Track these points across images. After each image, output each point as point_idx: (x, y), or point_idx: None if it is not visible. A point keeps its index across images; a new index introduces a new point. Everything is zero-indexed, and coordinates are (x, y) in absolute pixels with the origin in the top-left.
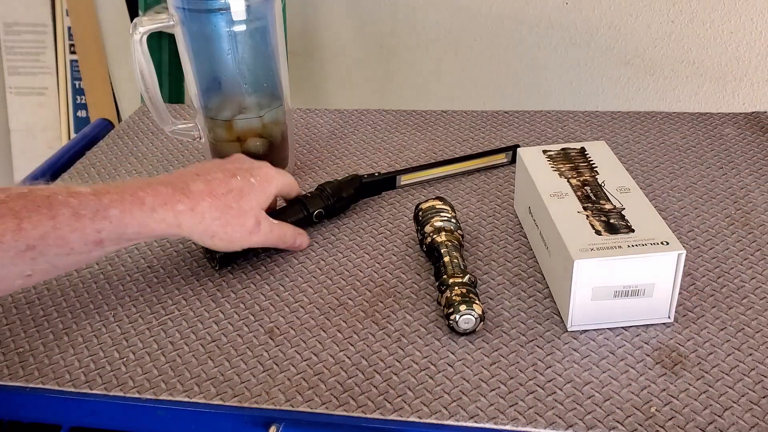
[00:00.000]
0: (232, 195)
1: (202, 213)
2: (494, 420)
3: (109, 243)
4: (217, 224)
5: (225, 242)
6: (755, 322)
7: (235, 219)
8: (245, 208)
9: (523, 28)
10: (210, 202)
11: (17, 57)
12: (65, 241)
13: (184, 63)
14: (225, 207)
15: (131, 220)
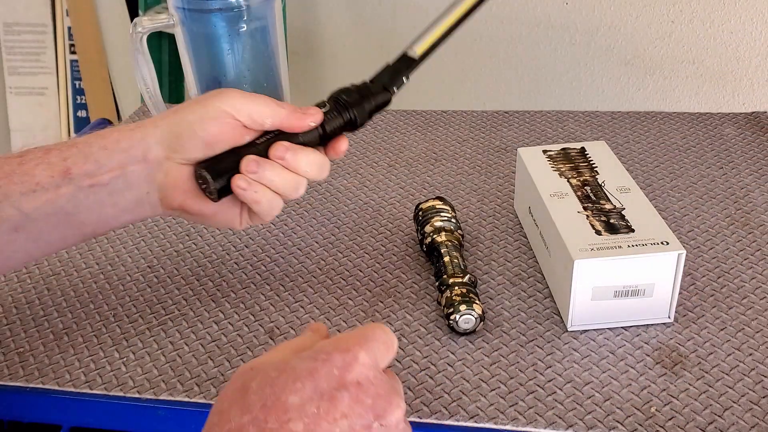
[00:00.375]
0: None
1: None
2: (494, 420)
3: (76, 169)
4: (180, 105)
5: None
6: (755, 322)
7: (201, 95)
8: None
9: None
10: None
11: (17, 57)
12: (30, 176)
13: (184, 63)
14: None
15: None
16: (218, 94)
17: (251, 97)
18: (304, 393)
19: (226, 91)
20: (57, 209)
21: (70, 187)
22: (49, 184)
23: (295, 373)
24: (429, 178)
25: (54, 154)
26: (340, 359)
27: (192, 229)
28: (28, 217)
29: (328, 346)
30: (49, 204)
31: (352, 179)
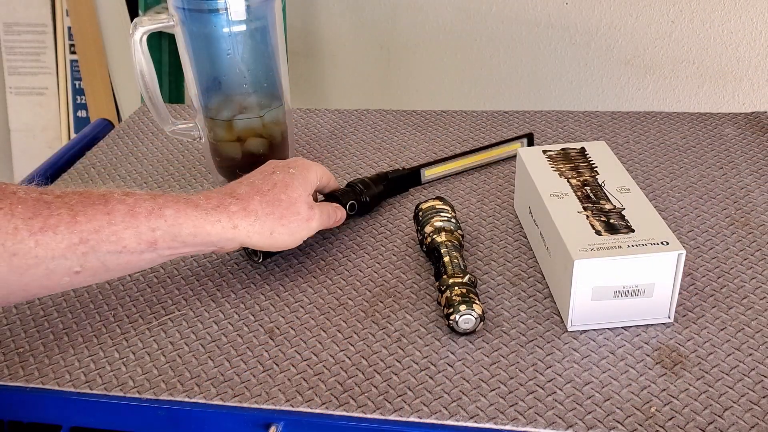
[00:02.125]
0: (277, 188)
1: (254, 210)
2: (494, 420)
3: (163, 244)
4: (272, 219)
5: (286, 236)
6: (755, 322)
7: (288, 210)
8: (294, 196)
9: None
10: (260, 199)
11: (17, 57)
12: (118, 238)
13: (184, 63)
14: (275, 201)
15: (186, 220)
16: (306, 225)
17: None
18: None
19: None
20: (135, 267)
21: (153, 254)
22: (135, 249)
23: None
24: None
25: (142, 221)
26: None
27: None
28: (109, 270)
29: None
30: (130, 264)
31: (352, 179)
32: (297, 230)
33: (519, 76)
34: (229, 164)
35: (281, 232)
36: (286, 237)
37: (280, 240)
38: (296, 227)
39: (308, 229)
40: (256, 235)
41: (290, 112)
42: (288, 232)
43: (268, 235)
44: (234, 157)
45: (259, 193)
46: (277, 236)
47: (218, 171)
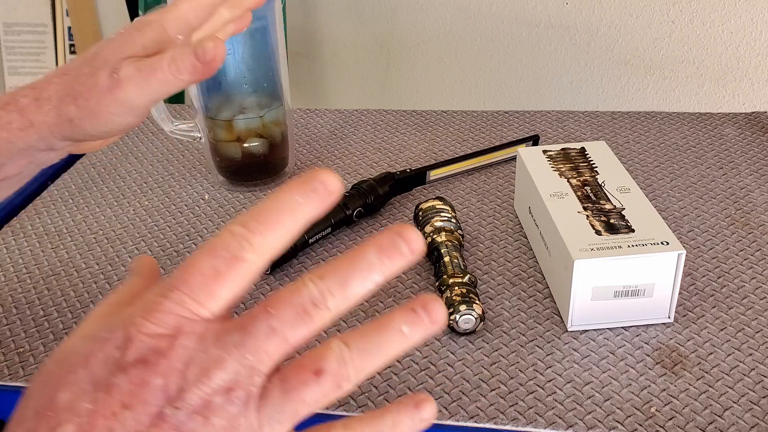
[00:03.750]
0: (85, 61)
1: (48, 97)
2: (494, 420)
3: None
4: (67, 102)
5: (88, 122)
6: (755, 323)
7: (85, 83)
8: (97, 64)
9: (523, 28)
10: (57, 81)
11: (17, 57)
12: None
13: None
14: (75, 77)
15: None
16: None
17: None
18: (77, 386)
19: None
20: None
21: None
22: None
23: (69, 362)
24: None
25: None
26: (120, 335)
27: (192, 229)
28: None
29: (118, 317)
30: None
31: (352, 179)
32: (96, 108)
33: (519, 76)
34: (229, 164)
35: (81, 116)
36: (89, 123)
37: (87, 126)
38: (94, 104)
39: (116, 101)
40: (56, 128)
41: (290, 112)
42: (89, 114)
43: (68, 124)
44: (234, 157)
45: (62, 72)
46: (79, 123)
47: (218, 171)
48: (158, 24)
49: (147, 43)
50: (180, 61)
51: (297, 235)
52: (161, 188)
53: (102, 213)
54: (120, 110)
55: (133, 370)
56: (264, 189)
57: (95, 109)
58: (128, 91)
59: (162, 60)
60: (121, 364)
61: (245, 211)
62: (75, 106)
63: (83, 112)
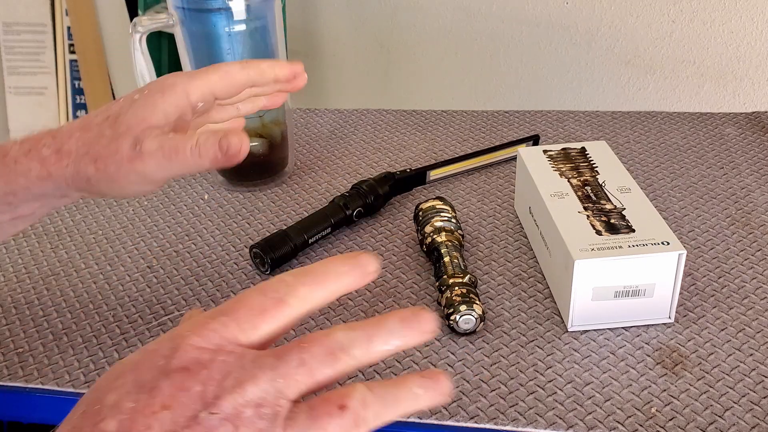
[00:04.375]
0: (108, 121)
1: (69, 152)
2: (494, 420)
3: None
4: (87, 161)
5: (105, 184)
6: (756, 323)
7: (106, 148)
8: (120, 130)
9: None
10: (79, 137)
11: (17, 57)
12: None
13: (184, 63)
14: (97, 137)
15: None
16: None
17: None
18: (124, 389)
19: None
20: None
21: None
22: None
23: (119, 369)
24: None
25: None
26: (168, 346)
27: (191, 229)
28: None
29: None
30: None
31: (352, 179)
32: (115, 174)
33: (519, 76)
34: None
35: (98, 179)
36: (105, 185)
37: (103, 189)
38: (115, 171)
39: (136, 173)
40: (73, 181)
41: (290, 112)
42: (105, 177)
43: (84, 183)
44: None
45: (84, 128)
46: (95, 185)
47: (218, 171)
48: (183, 90)
49: (169, 109)
50: (203, 148)
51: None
52: (161, 188)
53: (102, 213)
54: (138, 179)
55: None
56: (264, 189)
57: (114, 174)
58: (149, 165)
59: (186, 144)
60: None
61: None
62: (94, 168)
63: (101, 174)
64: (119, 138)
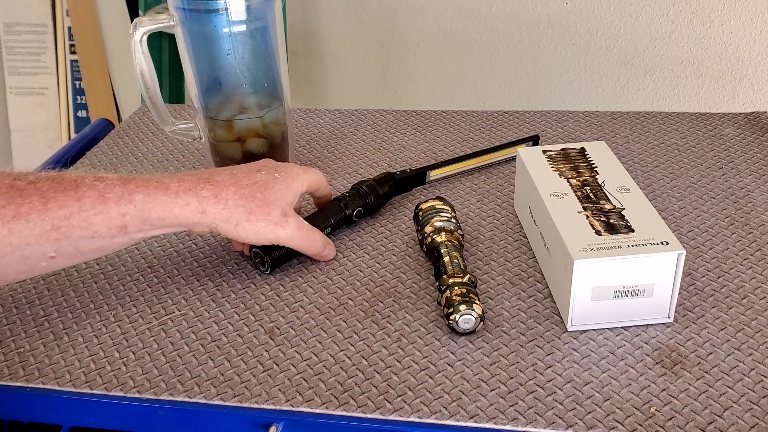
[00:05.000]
0: (257, 186)
1: (225, 199)
2: (494, 420)
3: (133, 228)
4: (241, 212)
5: (249, 232)
6: (755, 322)
7: (260, 208)
8: (270, 198)
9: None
10: (234, 191)
11: (17, 57)
12: (89, 224)
13: (184, 63)
14: (249, 196)
15: (155, 204)
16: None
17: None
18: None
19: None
20: (108, 250)
21: (124, 237)
22: (107, 235)
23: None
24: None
25: (112, 206)
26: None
27: None
28: (83, 254)
29: None
30: (102, 249)
31: (352, 179)
32: (263, 230)
33: (519, 76)
34: (229, 164)
35: (245, 227)
36: (249, 233)
37: (243, 234)
38: (263, 227)
39: (275, 234)
40: (222, 223)
41: (290, 112)
42: (253, 229)
43: (233, 227)
44: (234, 157)
45: (236, 184)
46: (241, 230)
47: None
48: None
49: (297, 193)
50: (326, 253)
51: None
52: None
53: None
54: (272, 237)
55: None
56: None
57: (260, 230)
58: (285, 232)
59: (317, 240)
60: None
61: None
62: (246, 219)
63: (246, 224)
64: (270, 205)
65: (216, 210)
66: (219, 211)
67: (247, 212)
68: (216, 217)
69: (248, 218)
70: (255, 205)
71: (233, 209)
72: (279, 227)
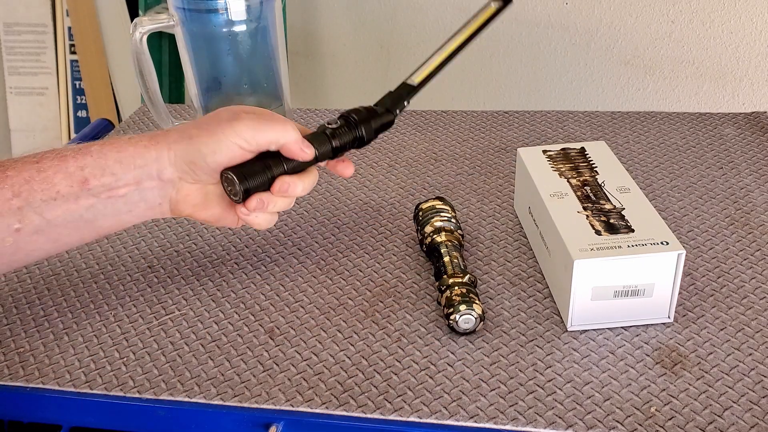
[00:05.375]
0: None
1: (177, 129)
2: (494, 420)
3: (95, 182)
4: (191, 126)
5: (205, 137)
6: (755, 322)
7: (210, 118)
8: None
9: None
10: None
11: (17, 57)
12: (50, 184)
13: (184, 63)
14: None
15: (110, 149)
16: (229, 125)
17: (259, 127)
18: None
19: (236, 121)
20: (77, 217)
21: (89, 198)
22: (69, 193)
23: None
24: (429, 178)
25: (71, 162)
26: None
27: (192, 229)
28: (50, 223)
29: None
30: (69, 213)
31: (352, 179)
32: (218, 131)
33: (519, 76)
34: None
35: (199, 134)
36: (205, 138)
37: (201, 143)
38: (216, 127)
39: (233, 129)
40: (175, 144)
41: (290, 112)
42: (208, 133)
43: (188, 139)
44: None
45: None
46: (197, 140)
47: None
48: None
49: None
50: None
51: None
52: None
53: None
54: (232, 135)
55: None
56: None
57: (213, 131)
58: (244, 122)
59: (287, 126)
60: None
61: None
62: (197, 129)
63: (203, 131)
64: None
65: (166, 135)
66: (170, 134)
67: (197, 125)
68: (169, 140)
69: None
70: (206, 118)
71: (183, 129)
72: (233, 122)
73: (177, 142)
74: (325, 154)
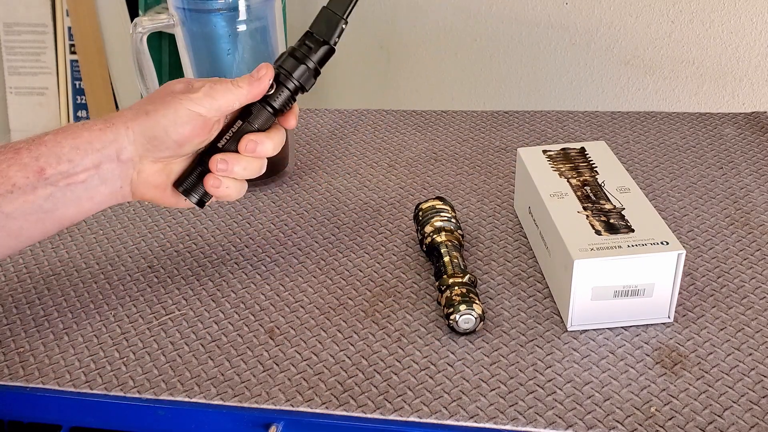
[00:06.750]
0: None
1: (131, 107)
2: (494, 420)
3: (51, 171)
4: (146, 102)
5: (163, 110)
6: (755, 322)
7: (163, 90)
8: (173, 84)
9: (523, 28)
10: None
11: (17, 57)
12: (5, 177)
13: (184, 63)
14: (154, 93)
15: (64, 136)
16: (185, 96)
17: (214, 92)
18: None
19: (191, 92)
20: (36, 208)
21: (46, 187)
22: (25, 185)
23: None
24: (429, 178)
25: (24, 153)
26: None
27: (192, 229)
28: (8, 217)
29: None
30: (27, 204)
31: (352, 179)
32: (174, 102)
33: (519, 76)
34: None
35: (156, 108)
36: (163, 111)
37: (160, 116)
38: (172, 99)
39: (189, 99)
40: (132, 121)
41: None
42: (164, 105)
43: (144, 115)
44: None
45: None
46: (155, 114)
47: None
48: None
49: None
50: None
51: None
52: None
53: (102, 213)
54: (190, 104)
55: None
56: (264, 189)
57: (170, 102)
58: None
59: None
60: None
61: None
62: (152, 104)
63: (158, 105)
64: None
65: (121, 114)
66: (124, 113)
67: (151, 100)
68: (125, 118)
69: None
70: (159, 93)
71: (139, 106)
72: (188, 93)
73: (133, 120)
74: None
